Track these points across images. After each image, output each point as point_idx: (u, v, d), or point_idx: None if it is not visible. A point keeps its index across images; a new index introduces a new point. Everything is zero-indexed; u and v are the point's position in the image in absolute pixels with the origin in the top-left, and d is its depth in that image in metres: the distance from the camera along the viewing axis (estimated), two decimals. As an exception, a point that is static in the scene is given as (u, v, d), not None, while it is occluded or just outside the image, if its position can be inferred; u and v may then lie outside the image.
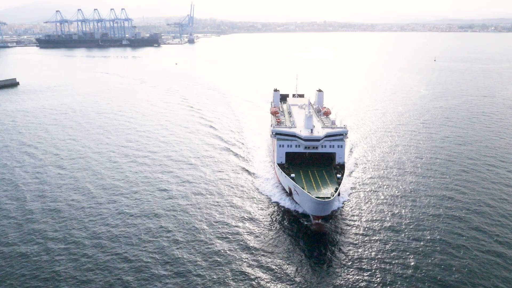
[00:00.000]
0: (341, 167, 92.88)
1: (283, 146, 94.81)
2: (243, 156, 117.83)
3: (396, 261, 66.95)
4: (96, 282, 62.23)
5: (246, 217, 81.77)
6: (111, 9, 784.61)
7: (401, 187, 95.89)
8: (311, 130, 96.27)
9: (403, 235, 74.81)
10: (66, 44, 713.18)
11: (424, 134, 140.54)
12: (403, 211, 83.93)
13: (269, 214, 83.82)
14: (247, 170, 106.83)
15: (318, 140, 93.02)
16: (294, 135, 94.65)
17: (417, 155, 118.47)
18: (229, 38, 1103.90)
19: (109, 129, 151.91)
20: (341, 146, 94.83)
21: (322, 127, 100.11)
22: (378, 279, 62.69)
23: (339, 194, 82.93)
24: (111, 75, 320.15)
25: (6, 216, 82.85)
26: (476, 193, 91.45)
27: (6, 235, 75.19)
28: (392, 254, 68.73)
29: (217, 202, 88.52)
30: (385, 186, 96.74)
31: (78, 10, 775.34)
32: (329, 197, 76.32)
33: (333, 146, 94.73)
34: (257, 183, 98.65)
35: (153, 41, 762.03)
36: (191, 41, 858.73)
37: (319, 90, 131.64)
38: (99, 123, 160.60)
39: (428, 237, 73.65)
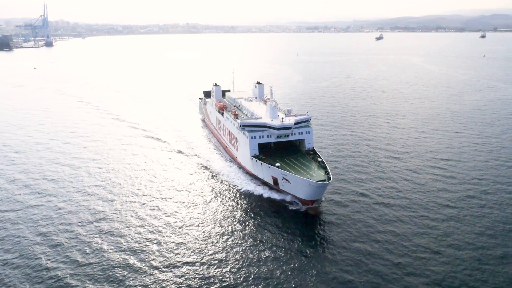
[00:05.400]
0: (314, 152, 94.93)
1: (255, 137, 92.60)
2: (194, 155, 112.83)
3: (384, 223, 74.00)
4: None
5: (239, 215, 78.00)
6: None
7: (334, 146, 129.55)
8: (282, 119, 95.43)
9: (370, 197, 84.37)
10: None
11: (317, 105, 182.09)
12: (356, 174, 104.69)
13: (260, 207, 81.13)
14: (208, 169, 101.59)
15: (290, 128, 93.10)
16: (265, 126, 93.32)
17: (326, 122, 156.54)
18: (92, 41, 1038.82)
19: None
20: (309, 132, 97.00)
21: (286, 116, 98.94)
22: (376, 244, 67.51)
23: None
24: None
25: None
26: (375, 136, 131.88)
27: None
28: (379, 218, 75.59)
29: (198, 205, 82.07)
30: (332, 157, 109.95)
31: None
32: (326, 180, 78.21)
33: (302, 133, 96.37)
34: (229, 180, 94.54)
35: (3, 44, 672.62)
36: (48, 44, 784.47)
37: (258, 83, 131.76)
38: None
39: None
